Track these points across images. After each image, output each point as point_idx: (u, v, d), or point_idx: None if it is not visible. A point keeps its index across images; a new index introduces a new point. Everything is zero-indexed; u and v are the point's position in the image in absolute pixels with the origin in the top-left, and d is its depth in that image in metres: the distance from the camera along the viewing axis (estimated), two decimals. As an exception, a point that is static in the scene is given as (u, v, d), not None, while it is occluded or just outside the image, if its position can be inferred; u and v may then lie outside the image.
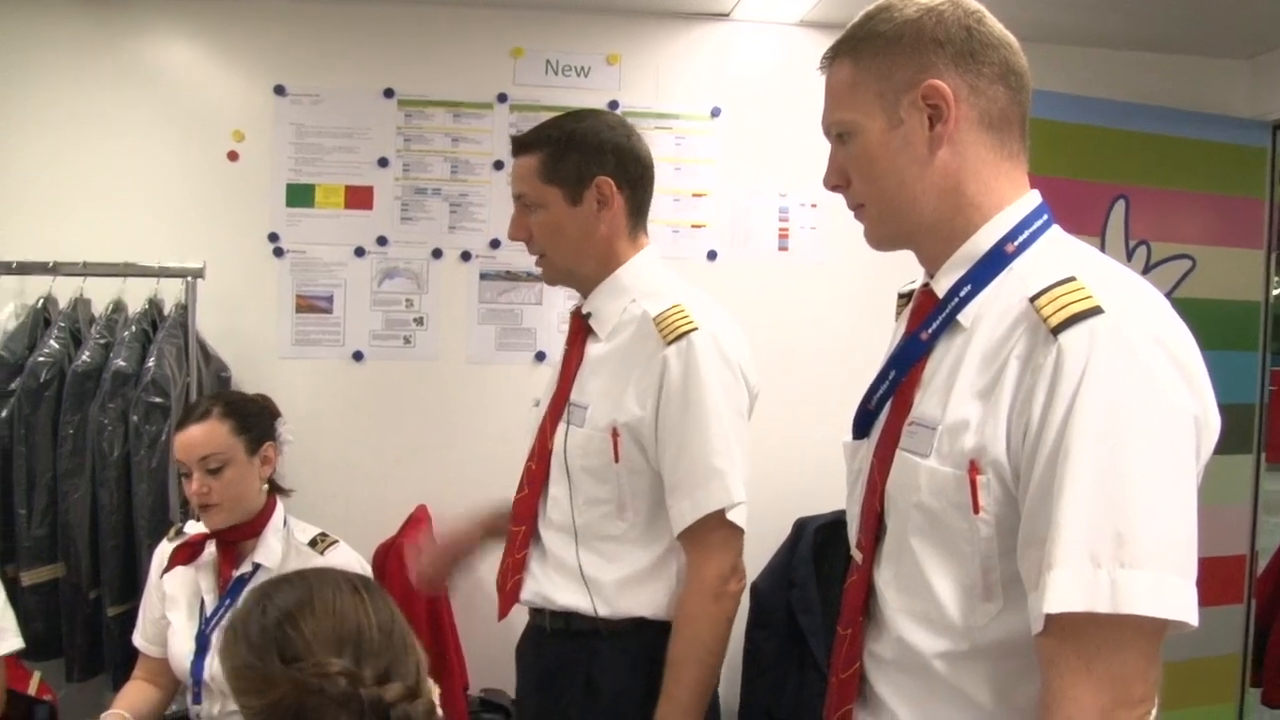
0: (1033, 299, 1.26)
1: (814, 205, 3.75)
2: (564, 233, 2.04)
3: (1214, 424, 1.25)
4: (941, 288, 1.40)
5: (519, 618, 2.19)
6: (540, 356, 3.64)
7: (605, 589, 2.01)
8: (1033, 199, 1.41)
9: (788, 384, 3.36)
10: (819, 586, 3.41)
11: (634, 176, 2.06)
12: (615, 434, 1.98)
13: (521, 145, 2.07)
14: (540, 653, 2.13)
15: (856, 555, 1.50)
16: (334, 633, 1.25)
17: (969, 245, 1.39)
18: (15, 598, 2.60)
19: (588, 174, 2.01)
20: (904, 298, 1.62)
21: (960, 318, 1.36)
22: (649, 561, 2.01)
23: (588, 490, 2.02)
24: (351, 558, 2.51)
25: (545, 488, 2.09)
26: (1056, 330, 1.21)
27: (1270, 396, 3.96)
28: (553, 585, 2.06)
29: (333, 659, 1.22)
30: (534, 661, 2.15)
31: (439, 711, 1.27)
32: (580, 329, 2.12)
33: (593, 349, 2.08)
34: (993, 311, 1.33)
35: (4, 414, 3.14)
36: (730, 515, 1.95)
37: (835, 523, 3.41)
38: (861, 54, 1.40)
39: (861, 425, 1.53)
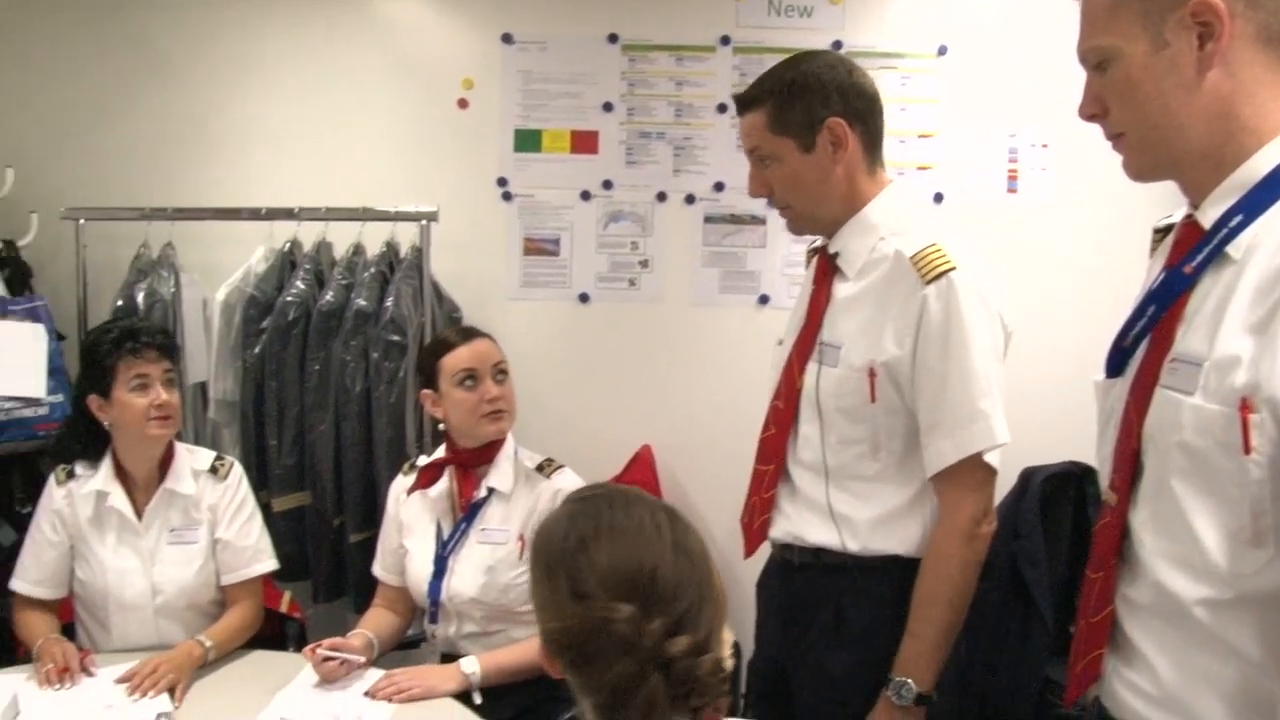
0: None
1: (1044, 146, 3.60)
2: (803, 181, 2.01)
3: None
4: (1208, 219, 1.32)
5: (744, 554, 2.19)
6: (764, 300, 3.62)
7: (858, 527, 1.99)
8: None
9: (1015, 330, 3.24)
10: (1045, 539, 3.30)
11: (862, 112, 2.01)
12: (872, 374, 1.94)
13: (745, 102, 2.05)
14: (787, 586, 2.11)
15: (1110, 497, 1.42)
16: (628, 574, 1.21)
17: (1241, 172, 1.30)
18: (268, 522, 2.76)
19: (817, 119, 1.97)
20: (1160, 232, 1.54)
21: (1230, 249, 1.28)
22: (903, 500, 1.98)
23: (841, 430, 1.99)
24: (577, 481, 2.57)
25: (795, 426, 2.07)
26: None
27: None
28: (804, 523, 2.04)
29: (621, 604, 1.19)
30: (780, 594, 2.14)
31: (728, 665, 1.23)
32: (826, 268, 2.08)
33: (841, 288, 2.03)
34: (1270, 241, 1.23)
35: (256, 350, 3.34)
36: (987, 457, 1.90)
37: (1064, 474, 3.30)
38: None
39: (1115, 363, 1.45)
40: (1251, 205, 1.28)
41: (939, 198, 3.60)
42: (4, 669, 2.48)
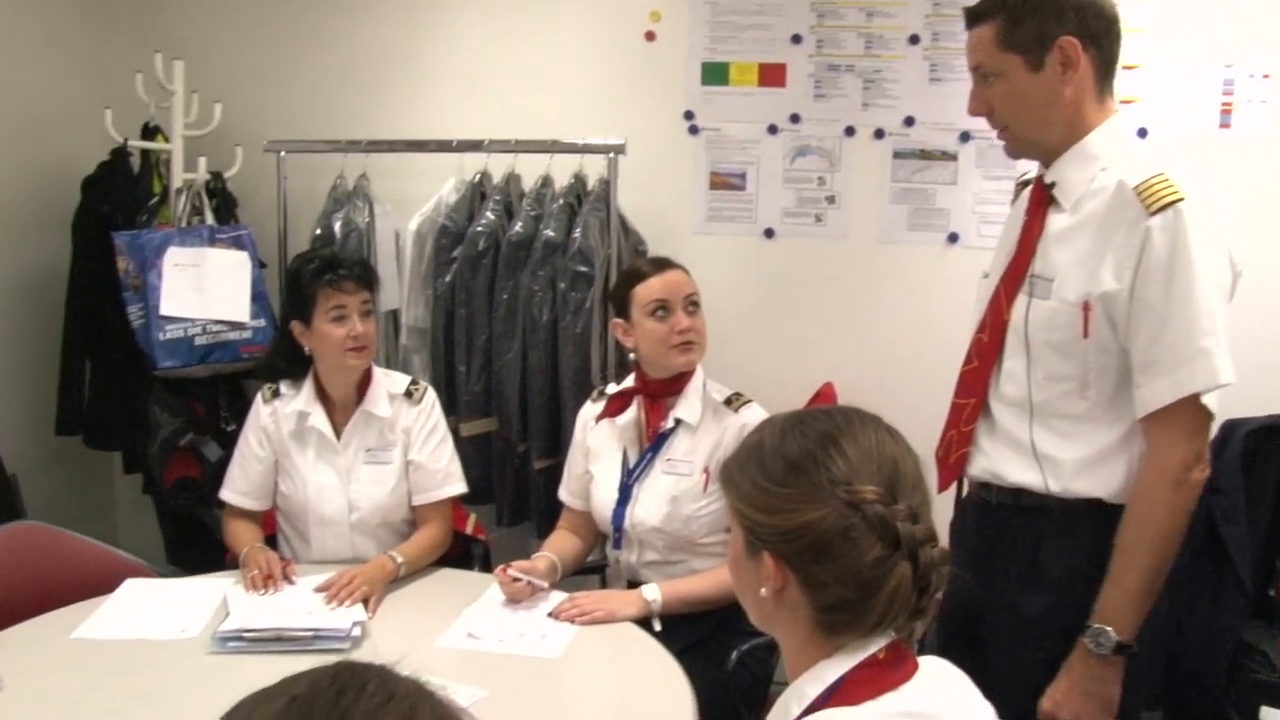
0: None
1: (1265, 77, 3.37)
2: (1027, 102, 1.91)
3: None
4: None
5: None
6: (953, 238, 3.52)
7: (1061, 467, 1.92)
8: None
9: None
10: (1246, 497, 3.14)
11: (1098, 33, 1.89)
12: (1086, 308, 1.85)
13: (974, 15, 1.95)
14: (982, 527, 2.06)
15: None
16: (872, 461, 1.21)
17: None
18: (456, 447, 2.83)
19: (1048, 36, 1.86)
20: None
21: None
22: (1110, 442, 1.89)
23: (1050, 365, 1.92)
24: (764, 416, 2.55)
25: (999, 361, 2.01)
26: None
27: None
28: (1003, 461, 1.99)
29: (872, 486, 1.19)
30: (974, 535, 2.08)
31: (947, 569, 1.22)
32: (1041, 198, 1.99)
33: (1055, 220, 1.95)
34: None
35: (447, 279, 3.43)
36: (1205, 399, 1.80)
37: (1269, 428, 3.12)
38: None
39: None
40: None
41: (1143, 133, 3.42)
42: (214, 574, 2.63)
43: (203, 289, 3.47)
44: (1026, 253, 1.98)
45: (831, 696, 1.18)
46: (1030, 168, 2.09)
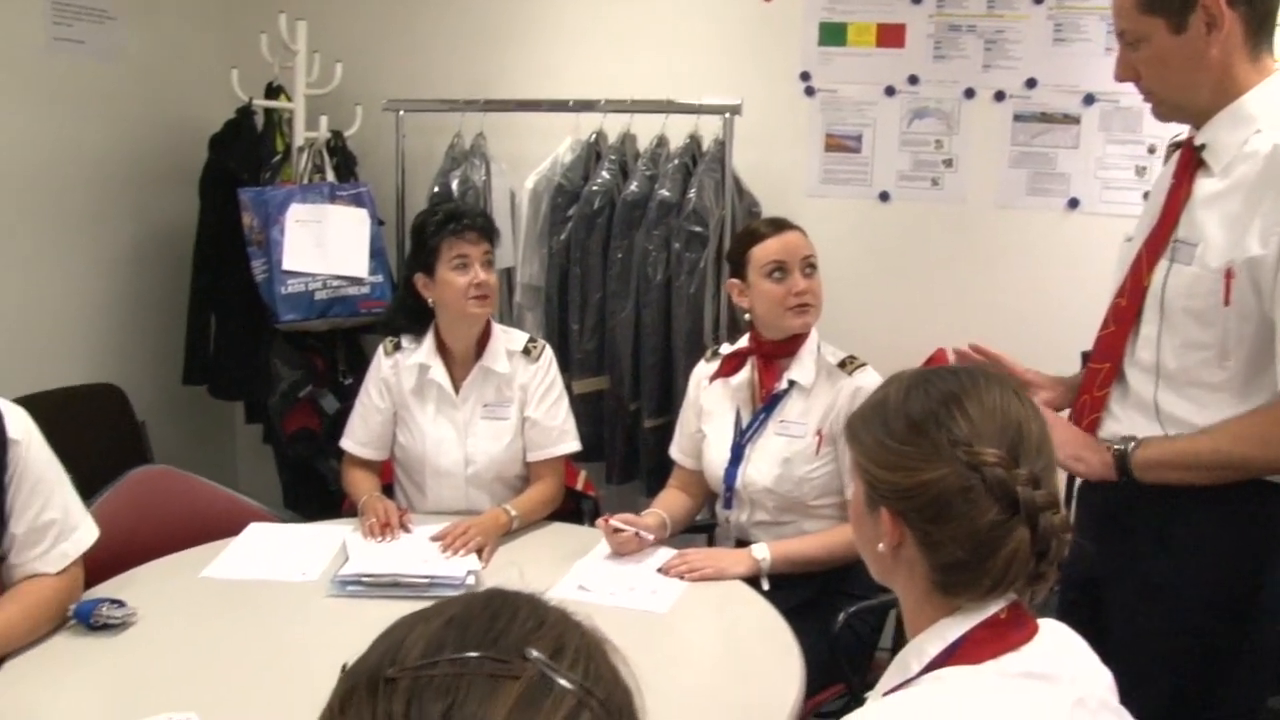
0: None
1: None
2: (1170, 65, 1.84)
3: None
4: None
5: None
6: (1073, 204, 3.44)
7: None
8: None
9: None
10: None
11: None
12: (1229, 275, 1.79)
13: None
14: (1109, 495, 2.03)
15: None
16: (1000, 424, 1.20)
17: None
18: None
19: None
20: None
21: None
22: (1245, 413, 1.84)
23: (1187, 333, 1.86)
24: (878, 380, 2.53)
25: (1136, 326, 1.97)
26: None
27: None
28: (1134, 427, 1.94)
29: (992, 448, 1.18)
30: (1101, 501, 2.05)
31: (1069, 536, 1.21)
32: (1189, 162, 1.93)
33: (1204, 184, 1.88)
34: None
35: (562, 238, 3.46)
36: None
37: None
38: None
39: None
40: None
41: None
42: (332, 520, 2.71)
43: (323, 244, 3.55)
44: (1171, 217, 1.93)
45: (952, 655, 1.18)
46: (1180, 130, 2.03)
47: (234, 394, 4.04)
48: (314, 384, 3.74)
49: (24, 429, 2.05)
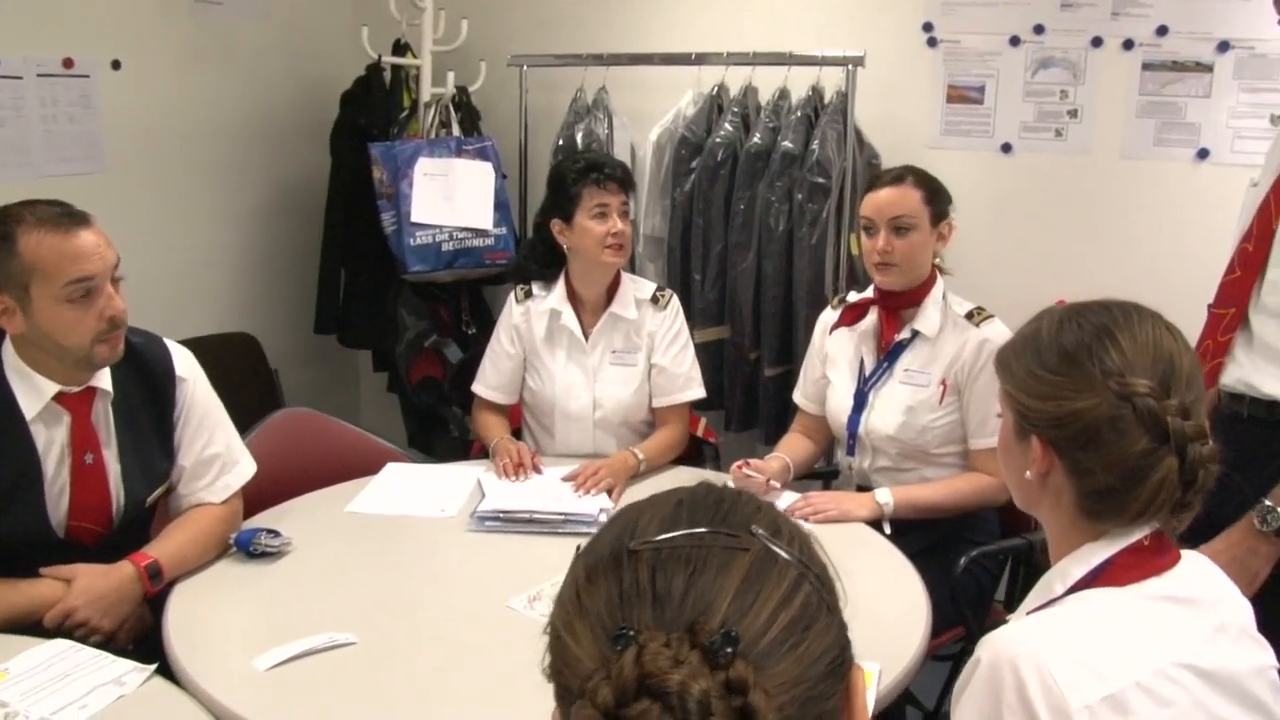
0: None
1: None
2: None
3: None
4: None
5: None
6: (1203, 154, 3.38)
7: None
8: None
9: None
10: None
11: None
12: None
13: None
14: (1229, 439, 2.02)
15: None
16: (1152, 356, 1.24)
17: None
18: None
19: None
20: None
21: None
22: None
23: None
24: (1005, 332, 2.54)
25: (1263, 271, 1.96)
26: None
27: None
28: (1259, 372, 1.95)
29: (1144, 379, 1.22)
30: (1221, 447, 2.06)
31: (1215, 467, 1.25)
32: None
33: None
34: None
35: (685, 189, 3.51)
36: None
37: None
38: None
39: None
40: None
41: None
42: (464, 462, 2.81)
43: (450, 197, 3.65)
44: None
45: (1097, 578, 1.23)
46: None
47: (362, 343, 4.18)
48: (438, 334, 3.86)
49: (190, 368, 2.19)
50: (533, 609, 1.96)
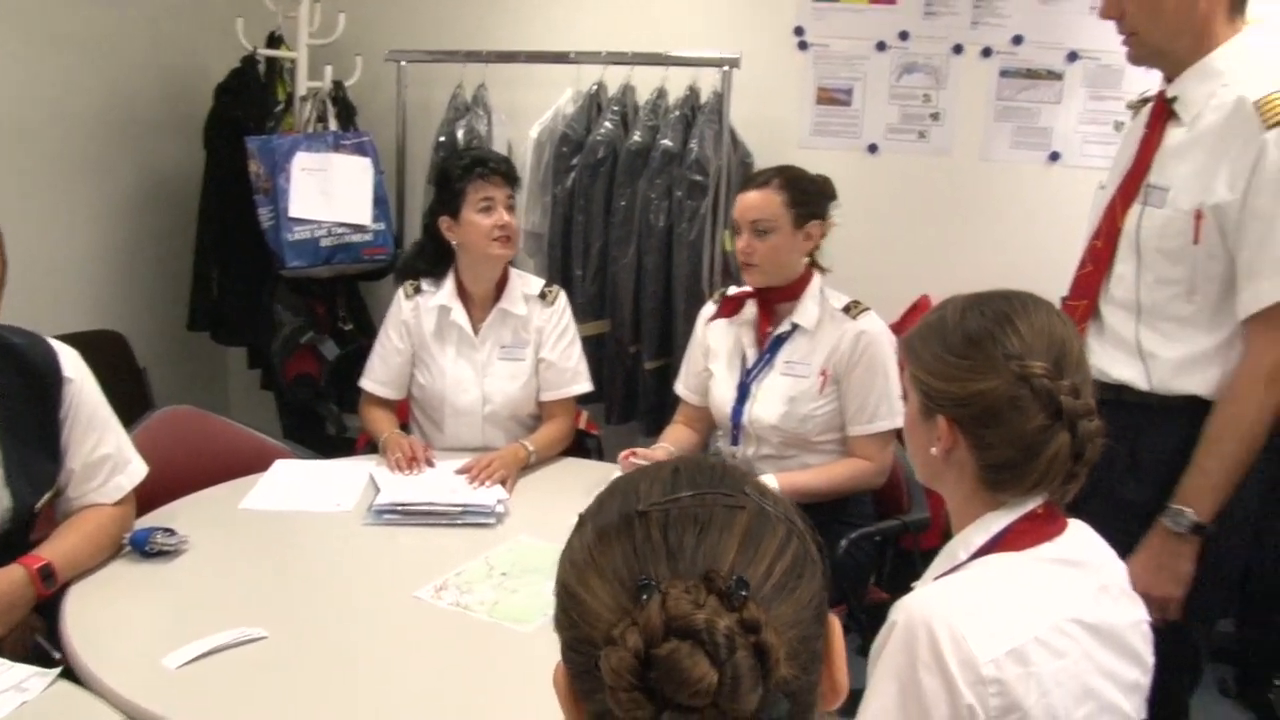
0: None
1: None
2: (1161, 7, 1.98)
3: None
4: None
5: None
6: (1054, 157, 3.59)
7: (1163, 366, 2.04)
8: None
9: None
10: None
11: None
12: (1199, 216, 1.95)
13: None
14: None
15: None
16: (1047, 340, 1.36)
17: None
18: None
19: None
20: None
21: None
22: (1211, 345, 2.00)
23: (1159, 270, 2.03)
24: (880, 324, 2.67)
25: (1111, 265, 2.12)
26: None
27: None
28: (1109, 359, 2.11)
29: (1040, 361, 1.35)
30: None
31: (1101, 441, 1.38)
32: (1161, 113, 2.08)
33: (1174, 133, 2.04)
34: None
35: (566, 186, 3.56)
36: None
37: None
38: None
39: None
40: None
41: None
42: (350, 458, 2.83)
43: (328, 192, 3.63)
44: (1144, 164, 2.08)
45: (997, 544, 1.36)
46: (1148, 86, 2.18)
47: (236, 340, 4.13)
48: (315, 330, 3.84)
49: (77, 368, 2.15)
50: (440, 598, 2.00)
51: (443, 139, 3.68)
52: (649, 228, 3.46)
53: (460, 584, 2.06)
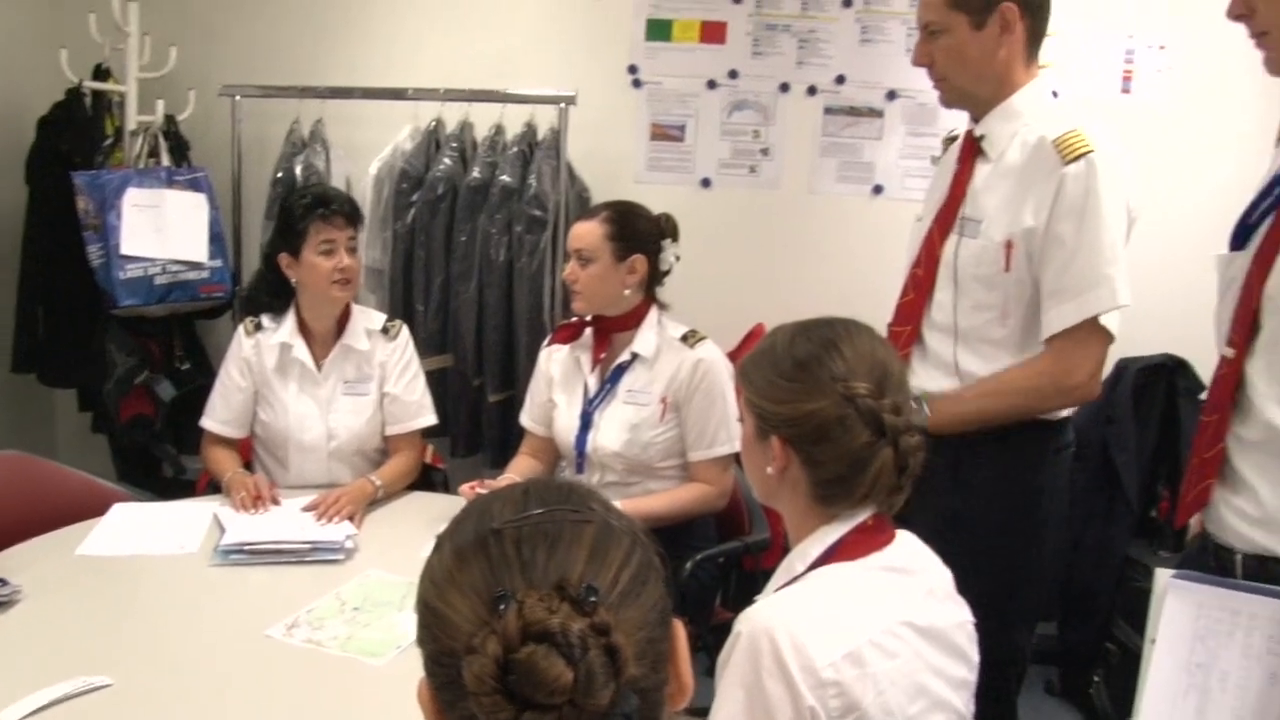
0: None
1: (1162, 48, 3.68)
2: (966, 56, 2.18)
3: None
4: None
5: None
6: (877, 190, 3.78)
7: None
8: None
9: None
10: (1135, 426, 3.47)
11: (1034, 6, 2.18)
12: (1009, 246, 2.13)
13: None
14: None
15: (1228, 351, 1.64)
16: (870, 363, 1.47)
17: None
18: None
19: (993, 0, 2.13)
20: None
21: None
22: (1021, 363, 2.18)
23: (975, 296, 2.19)
24: (717, 352, 2.77)
25: (931, 292, 2.27)
26: None
27: None
28: (932, 380, 2.26)
29: (864, 383, 1.45)
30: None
31: (922, 455, 1.49)
32: (970, 150, 2.26)
33: (983, 169, 2.22)
34: None
35: (406, 222, 3.59)
36: (1105, 320, 2.09)
37: (1158, 365, 3.45)
38: None
39: (1240, 238, 1.64)
40: None
41: (1054, 95, 3.69)
42: (191, 499, 2.79)
43: (162, 229, 3.58)
44: (957, 198, 2.26)
45: (831, 555, 1.46)
46: (956, 125, 2.36)
47: (66, 381, 4.01)
48: (150, 370, 3.76)
49: None
50: (292, 636, 2.01)
51: (280, 175, 3.66)
52: (490, 262, 3.51)
53: (312, 621, 2.07)
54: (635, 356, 2.77)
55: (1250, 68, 1.68)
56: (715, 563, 2.84)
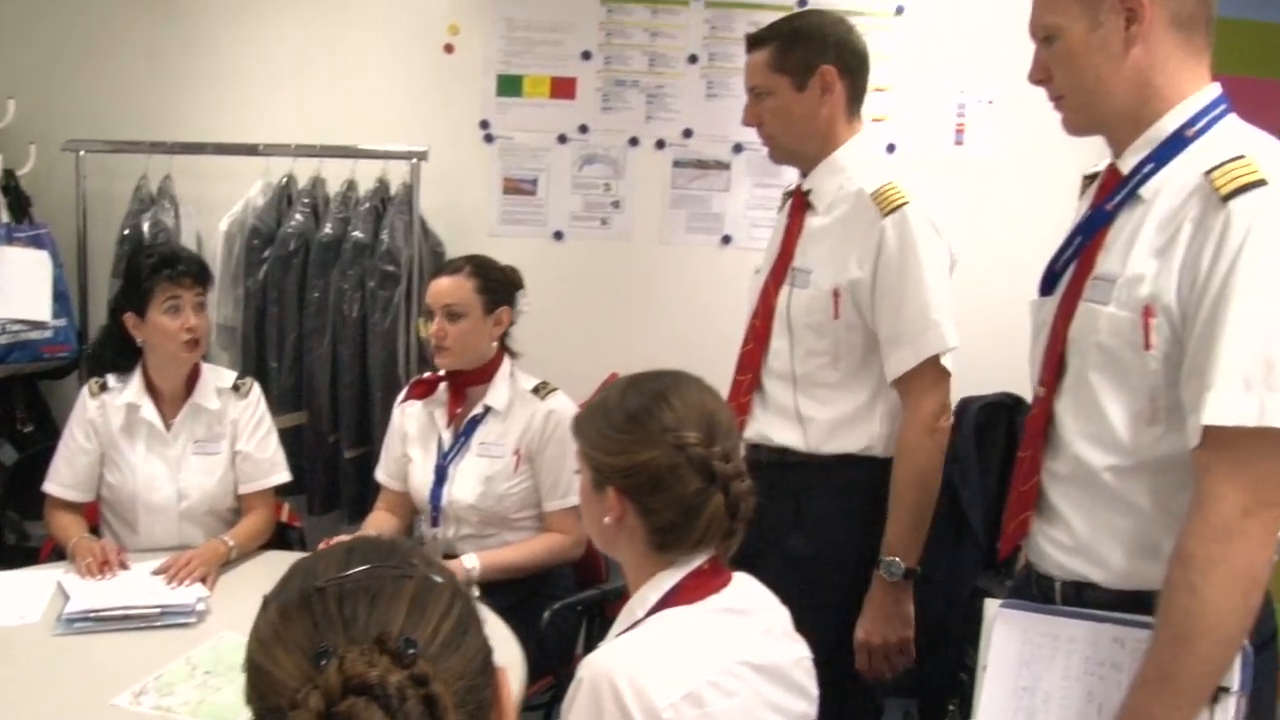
0: (1207, 172, 1.47)
1: (990, 102, 3.89)
2: (791, 116, 2.30)
3: None
4: (1126, 166, 1.62)
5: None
6: (726, 240, 3.90)
7: (817, 429, 2.31)
8: (1213, 90, 1.60)
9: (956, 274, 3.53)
10: (979, 462, 3.62)
11: (853, 67, 2.31)
12: (837, 294, 2.25)
13: (754, 41, 2.34)
14: (755, 479, 2.40)
15: (1039, 390, 1.76)
16: (699, 414, 1.54)
17: (1153, 130, 1.59)
18: (269, 438, 2.99)
19: (813, 64, 2.27)
20: (1088, 178, 1.85)
21: (1142, 191, 1.59)
22: (857, 405, 2.29)
23: (808, 343, 2.30)
24: (568, 403, 2.83)
25: (768, 341, 2.37)
26: (1226, 198, 1.43)
27: None
28: (771, 426, 2.36)
29: (693, 432, 1.52)
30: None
31: (753, 499, 1.57)
32: (800, 204, 2.38)
33: (812, 221, 2.34)
34: (1172, 185, 1.54)
35: (258, 278, 3.56)
36: (943, 360, 2.22)
37: (997, 404, 3.62)
38: None
39: (1048, 284, 1.77)
40: (1160, 156, 1.58)
41: (891, 148, 3.88)
42: (34, 567, 2.72)
43: (2, 288, 3.49)
44: (789, 250, 2.38)
45: (669, 600, 1.52)
46: (794, 180, 2.47)
47: (-103, 446, 3.85)
48: (-11, 433, 3.66)
49: None
50: (140, 704, 1.98)
51: (127, 232, 3.60)
52: (343, 318, 3.51)
53: (160, 686, 2.04)
54: (488, 409, 2.81)
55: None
56: (574, 611, 2.87)
